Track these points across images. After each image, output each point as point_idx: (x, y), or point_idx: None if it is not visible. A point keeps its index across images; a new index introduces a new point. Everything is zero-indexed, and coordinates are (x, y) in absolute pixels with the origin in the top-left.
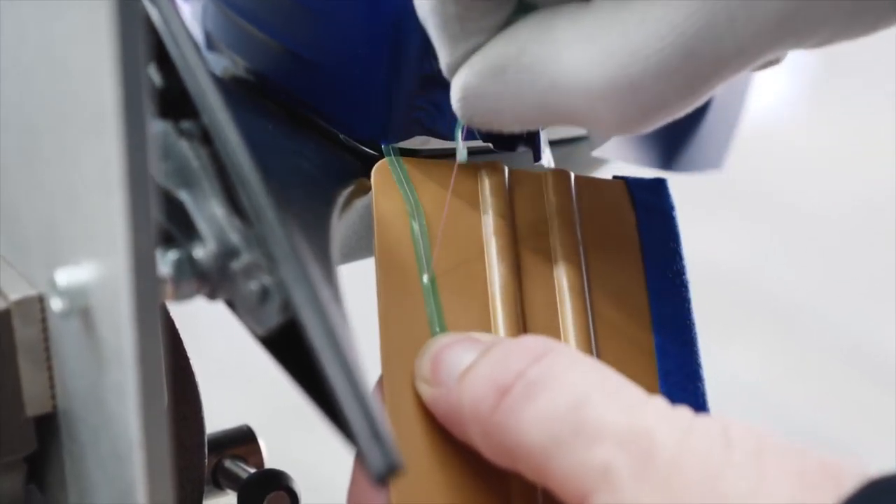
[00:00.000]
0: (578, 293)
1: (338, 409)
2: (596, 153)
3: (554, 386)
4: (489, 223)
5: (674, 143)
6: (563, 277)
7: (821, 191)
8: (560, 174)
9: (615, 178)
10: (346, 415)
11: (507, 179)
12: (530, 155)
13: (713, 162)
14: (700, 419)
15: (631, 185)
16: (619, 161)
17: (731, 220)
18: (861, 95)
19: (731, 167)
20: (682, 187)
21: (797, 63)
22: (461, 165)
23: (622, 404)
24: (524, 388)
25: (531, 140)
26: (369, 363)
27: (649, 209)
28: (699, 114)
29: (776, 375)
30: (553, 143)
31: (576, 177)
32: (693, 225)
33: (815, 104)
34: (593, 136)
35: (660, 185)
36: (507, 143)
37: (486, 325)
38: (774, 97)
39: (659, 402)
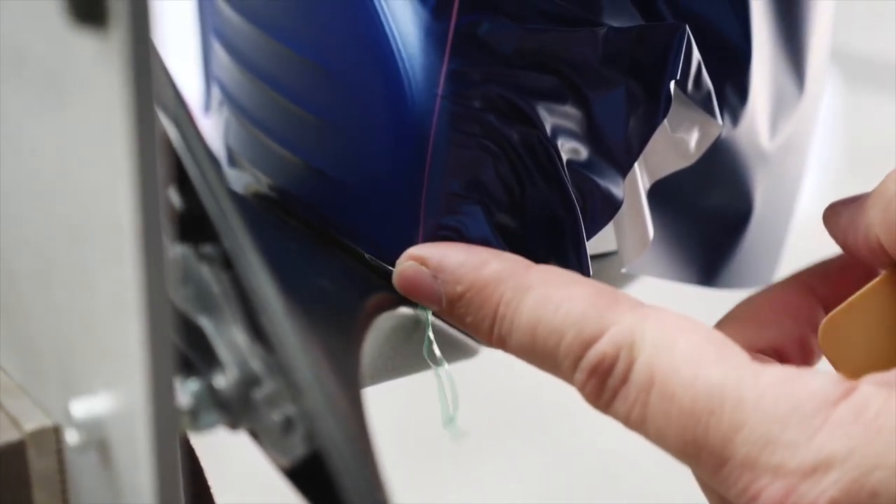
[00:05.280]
0: None
1: None
2: (627, 269)
3: None
4: None
5: (713, 257)
6: None
7: None
8: None
9: None
10: None
11: None
12: None
13: (763, 277)
14: None
15: None
16: (650, 277)
17: None
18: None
19: None
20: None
21: (820, 160)
22: None
23: None
24: None
25: (565, 258)
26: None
27: None
28: (738, 226)
29: None
30: None
31: None
32: None
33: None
34: (624, 252)
35: None
36: (537, 263)
37: None
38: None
39: None
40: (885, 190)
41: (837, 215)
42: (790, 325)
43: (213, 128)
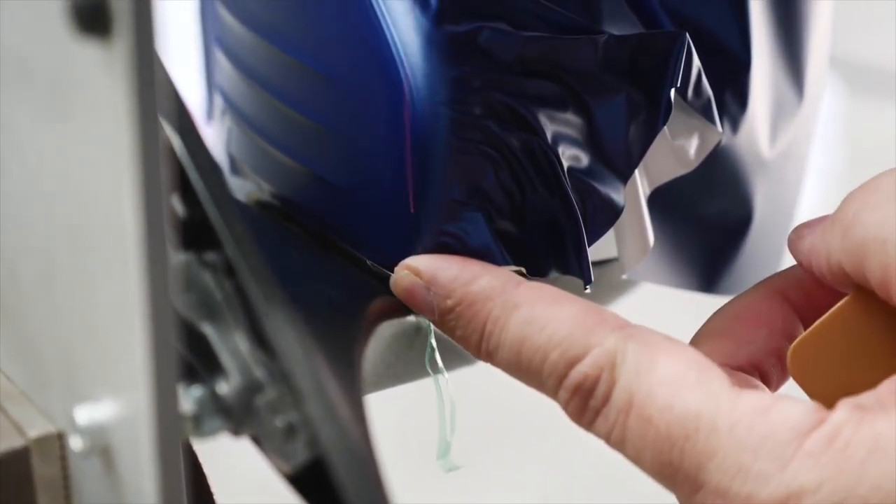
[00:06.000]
0: None
1: None
2: (628, 275)
3: None
4: None
5: (713, 264)
6: None
7: None
8: None
9: None
10: None
11: None
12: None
13: None
14: None
15: None
16: (651, 283)
17: None
18: None
19: None
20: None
21: (820, 165)
22: None
23: None
24: None
25: (566, 265)
26: (397, 488)
27: None
28: (738, 233)
29: None
30: None
31: None
32: None
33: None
34: (624, 258)
35: None
36: (538, 269)
37: None
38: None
39: None
40: (844, 215)
41: (801, 239)
42: (766, 338)
43: (215, 136)
